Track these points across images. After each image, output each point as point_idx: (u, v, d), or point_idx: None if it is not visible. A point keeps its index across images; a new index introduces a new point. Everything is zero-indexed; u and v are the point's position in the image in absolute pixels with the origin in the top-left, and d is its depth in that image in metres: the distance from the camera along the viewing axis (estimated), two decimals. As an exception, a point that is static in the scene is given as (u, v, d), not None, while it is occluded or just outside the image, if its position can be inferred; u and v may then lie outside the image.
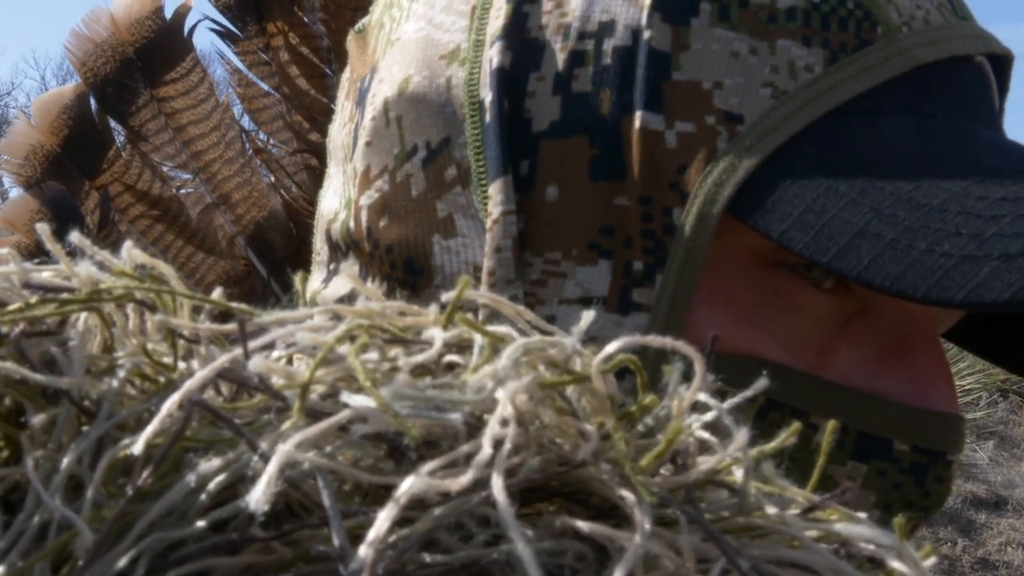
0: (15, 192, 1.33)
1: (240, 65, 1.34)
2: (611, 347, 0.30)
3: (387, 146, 0.62)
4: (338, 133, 0.70)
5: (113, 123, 1.27)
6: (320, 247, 0.70)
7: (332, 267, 0.69)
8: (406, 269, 0.61)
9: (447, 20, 0.62)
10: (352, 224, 0.64)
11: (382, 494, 0.33)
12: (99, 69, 1.24)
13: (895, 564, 0.31)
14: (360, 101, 0.66)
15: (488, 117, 0.58)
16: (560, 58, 0.58)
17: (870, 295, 0.57)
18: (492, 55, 0.59)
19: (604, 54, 0.57)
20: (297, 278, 0.47)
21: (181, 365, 0.39)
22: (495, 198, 0.57)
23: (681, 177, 0.55)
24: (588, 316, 0.34)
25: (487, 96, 0.59)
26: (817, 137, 0.54)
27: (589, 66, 0.57)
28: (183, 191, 1.29)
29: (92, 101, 1.25)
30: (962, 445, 0.58)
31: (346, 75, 0.72)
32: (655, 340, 0.30)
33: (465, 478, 0.26)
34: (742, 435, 0.29)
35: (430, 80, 0.61)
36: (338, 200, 0.67)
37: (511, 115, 0.58)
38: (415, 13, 0.65)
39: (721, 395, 0.34)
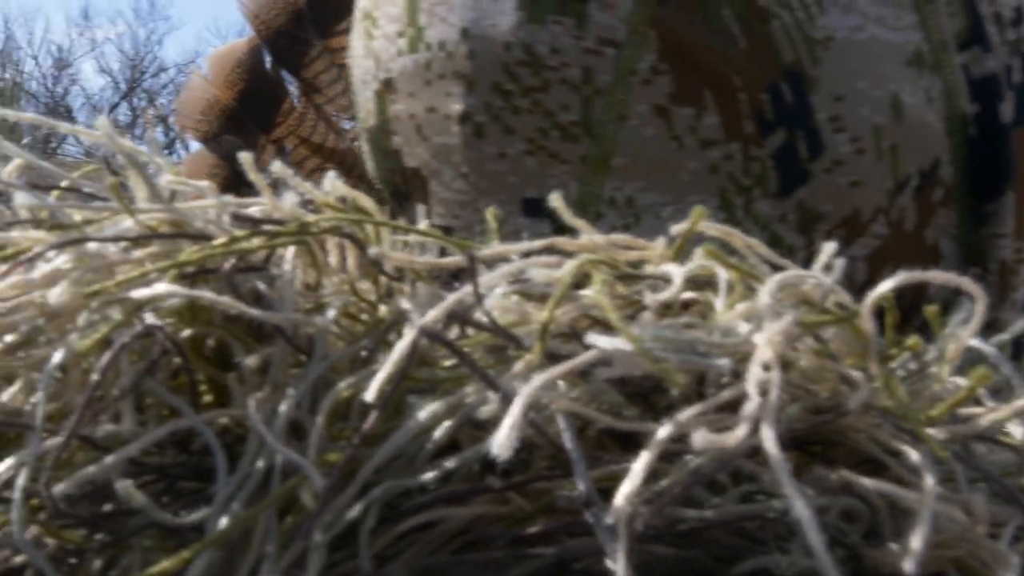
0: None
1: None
2: (886, 284, 0.26)
3: None
4: None
5: (286, 76, 1.27)
6: None
7: None
8: None
9: None
10: None
11: (610, 441, 0.30)
12: (271, 21, 1.24)
13: None
14: None
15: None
16: None
17: None
18: None
19: None
20: (488, 213, 0.44)
21: (381, 307, 0.37)
22: None
23: None
24: (830, 247, 0.30)
25: None
26: None
27: None
28: (356, 143, 1.28)
29: (265, 54, 1.26)
30: None
31: None
32: (937, 276, 0.26)
33: (740, 431, 0.23)
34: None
35: None
36: None
37: None
38: None
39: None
